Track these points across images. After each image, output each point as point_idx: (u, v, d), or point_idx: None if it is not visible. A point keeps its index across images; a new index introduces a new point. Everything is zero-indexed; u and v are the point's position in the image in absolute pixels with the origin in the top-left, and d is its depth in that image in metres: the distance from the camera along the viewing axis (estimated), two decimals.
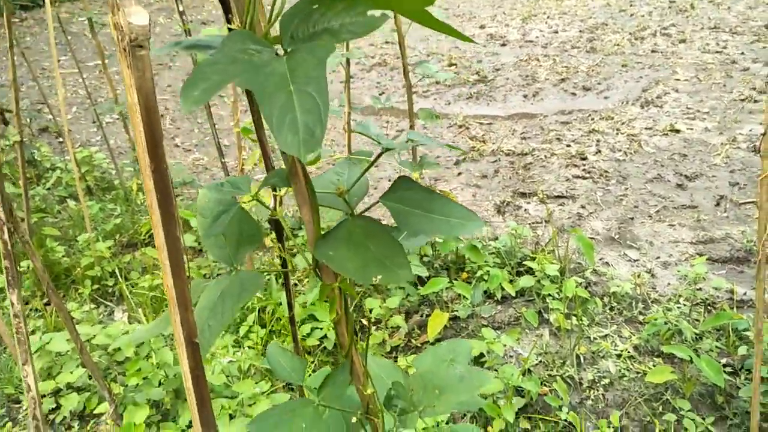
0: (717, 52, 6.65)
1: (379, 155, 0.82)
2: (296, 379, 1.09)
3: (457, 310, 2.91)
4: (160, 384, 2.47)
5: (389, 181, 4.47)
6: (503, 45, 7.70)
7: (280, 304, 2.77)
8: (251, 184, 0.85)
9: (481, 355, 2.53)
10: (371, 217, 0.83)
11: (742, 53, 6.50)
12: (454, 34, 0.72)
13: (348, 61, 2.37)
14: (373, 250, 0.79)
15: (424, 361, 1.11)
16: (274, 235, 1.04)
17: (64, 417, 2.47)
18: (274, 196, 0.92)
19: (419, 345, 2.80)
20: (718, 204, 3.83)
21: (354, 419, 1.05)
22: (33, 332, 2.90)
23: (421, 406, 0.98)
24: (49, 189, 4.40)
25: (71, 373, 2.50)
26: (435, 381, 1.00)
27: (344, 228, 0.82)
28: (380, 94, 6.24)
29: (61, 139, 5.59)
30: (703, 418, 2.23)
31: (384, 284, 0.82)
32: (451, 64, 7.04)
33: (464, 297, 2.95)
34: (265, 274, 3.09)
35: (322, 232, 0.82)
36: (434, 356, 1.13)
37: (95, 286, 3.35)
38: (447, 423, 2.35)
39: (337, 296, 0.88)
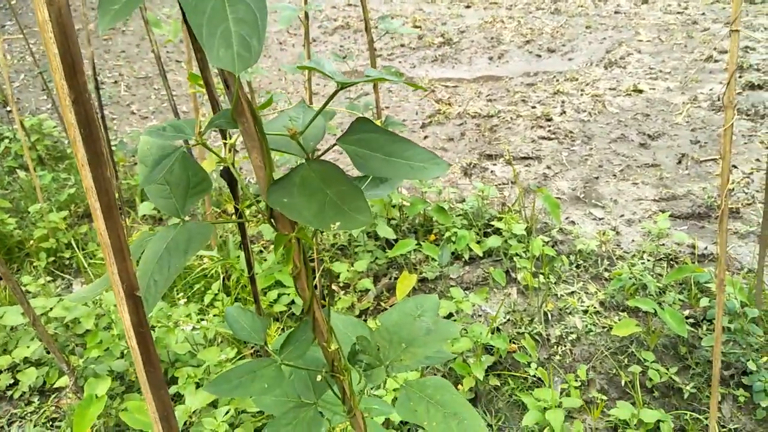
0: (678, 13, 6.68)
1: (335, 93, 0.76)
2: (257, 339, 1.04)
3: (425, 272, 2.90)
4: (122, 356, 2.40)
5: None
6: (468, 7, 7.59)
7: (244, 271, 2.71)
8: (196, 127, 0.79)
9: (450, 314, 2.53)
10: (328, 161, 0.77)
11: (703, 14, 6.55)
12: None
13: (307, 16, 2.27)
14: (330, 195, 0.74)
15: (391, 317, 1.07)
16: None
17: (23, 392, 2.39)
18: (224, 144, 0.85)
19: (388, 307, 2.78)
20: (679, 162, 3.88)
21: (319, 377, 1.01)
22: None
23: (387, 360, 0.94)
24: None
25: (27, 347, 2.41)
26: (401, 335, 0.96)
27: (298, 173, 0.76)
28: (343, 58, 6.09)
29: (8, 108, 5.31)
30: (667, 369, 2.28)
31: (343, 231, 0.77)
32: (415, 26, 6.91)
33: (432, 258, 2.93)
34: (216, 225, 3.01)
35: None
36: (401, 312, 1.09)
37: (51, 259, 3.23)
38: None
39: (295, 247, 0.83)
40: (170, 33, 2.71)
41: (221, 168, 0.92)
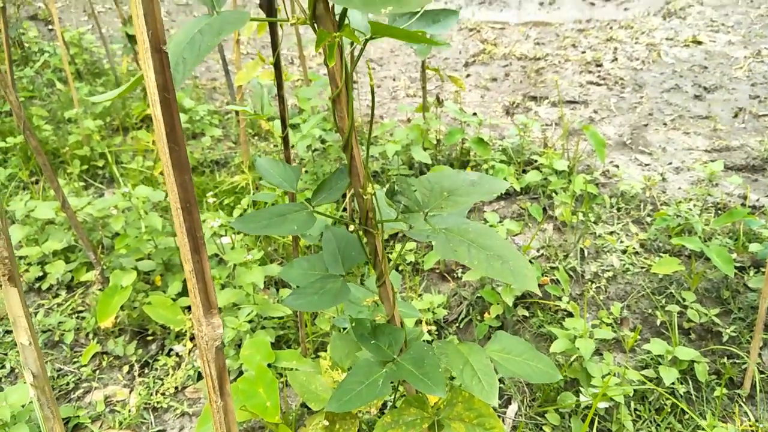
0: None
1: None
2: (287, 186, 0.98)
3: None
4: (149, 257, 2.39)
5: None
6: None
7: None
8: None
9: None
10: None
11: None
12: None
13: None
14: None
15: (432, 174, 0.99)
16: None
17: (51, 285, 2.41)
18: None
19: None
20: (736, 115, 3.66)
21: (351, 228, 0.95)
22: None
23: (427, 208, 0.87)
24: (36, 72, 4.20)
25: (59, 242, 2.42)
26: (444, 184, 0.88)
27: None
28: None
29: (50, 27, 5.31)
30: (707, 311, 2.17)
31: (396, 13, 0.69)
32: None
33: None
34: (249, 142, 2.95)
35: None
36: (442, 172, 1.01)
37: (84, 167, 3.23)
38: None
39: (336, 57, 0.75)
40: None
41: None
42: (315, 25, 0.73)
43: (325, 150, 2.94)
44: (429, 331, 2.30)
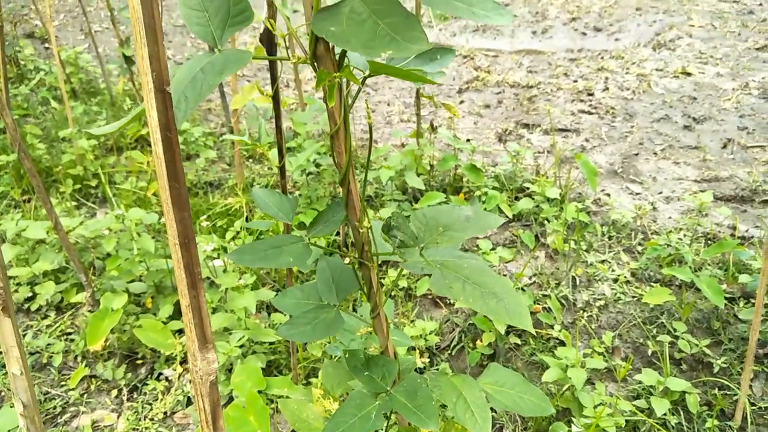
0: (734, 1, 6.41)
1: None
2: (284, 218, 0.99)
3: None
4: (140, 279, 2.38)
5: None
6: None
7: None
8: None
9: None
10: None
11: (760, 4, 6.27)
12: None
13: None
14: (382, 25, 0.67)
15: (427, 208, 1.00)
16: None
17: (40, 306, 2.39)
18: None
19: None
20: (725, 146, 3.71)
21: (347, 260, 0.95)
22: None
23: (422, 243, 0.88)
24: (31, 90, 4.20)
25: (50, 262, 2.40)
26: (439, 220, 0.89)
27: (348, 4, 0.69)
28: None
29: (47, 45, 5.34)
30: (698, 341, 2.18)
31: (395, 56, 0.69)
32: None
33: None
34: (243, 165, 2.96)
35: None
36: (437, 207, 1.02)
37: (77, 186, 3.22)
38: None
39: (336, 98, 0.76)
40: None
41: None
42: (315, 64, 0.74)
43: (320, 174, 2.96)
44: (421, 360, 2.29)
